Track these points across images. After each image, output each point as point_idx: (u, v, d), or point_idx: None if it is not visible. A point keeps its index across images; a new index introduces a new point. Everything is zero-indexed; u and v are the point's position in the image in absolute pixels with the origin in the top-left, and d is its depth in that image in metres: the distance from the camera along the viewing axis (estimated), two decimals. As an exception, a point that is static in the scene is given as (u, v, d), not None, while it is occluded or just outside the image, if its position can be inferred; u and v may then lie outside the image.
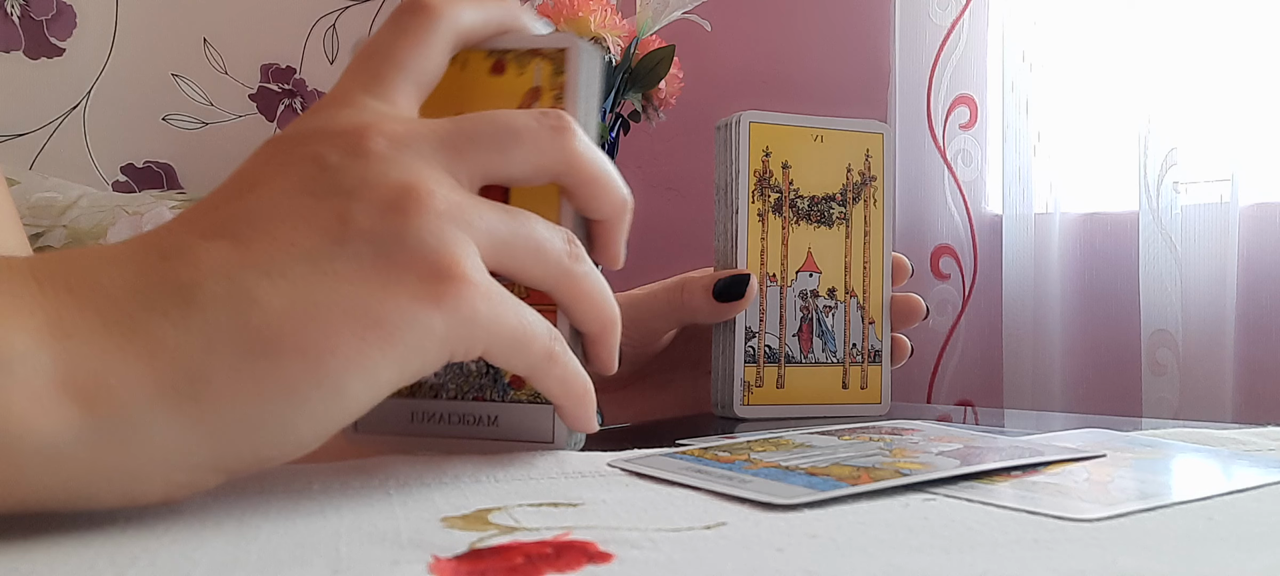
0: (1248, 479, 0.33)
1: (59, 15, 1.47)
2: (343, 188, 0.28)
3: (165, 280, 0.26)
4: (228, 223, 0.27)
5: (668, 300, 0.54)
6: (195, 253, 0.26)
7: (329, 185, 0.28)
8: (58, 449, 0.24)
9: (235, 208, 0.28)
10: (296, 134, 0.29)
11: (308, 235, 0.27)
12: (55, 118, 1.49)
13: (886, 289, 0.58)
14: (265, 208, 0.27)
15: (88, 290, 0.25)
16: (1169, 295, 1.16)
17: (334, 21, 1.70)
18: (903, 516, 0.28)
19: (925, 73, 1.34)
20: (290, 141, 0.29)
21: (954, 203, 1.33)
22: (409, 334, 0.27)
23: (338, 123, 0.29)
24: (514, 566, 0.23)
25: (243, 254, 0.26)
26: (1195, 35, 1.14)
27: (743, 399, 0.54)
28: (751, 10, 1.62)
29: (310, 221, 0.27)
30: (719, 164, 0.57)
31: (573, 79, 0.35)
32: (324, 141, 0.29)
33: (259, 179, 0.28)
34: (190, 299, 0.25)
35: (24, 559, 0.23)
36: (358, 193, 0.27)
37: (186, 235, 0.27)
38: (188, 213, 0.28)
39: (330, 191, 0.28)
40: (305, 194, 0.28)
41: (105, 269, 0.26)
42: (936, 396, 1.33)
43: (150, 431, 0.25)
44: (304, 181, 0.28)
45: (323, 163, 0.28)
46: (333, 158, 0.28)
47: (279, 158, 0.29)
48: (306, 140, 0.29)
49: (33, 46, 1.46)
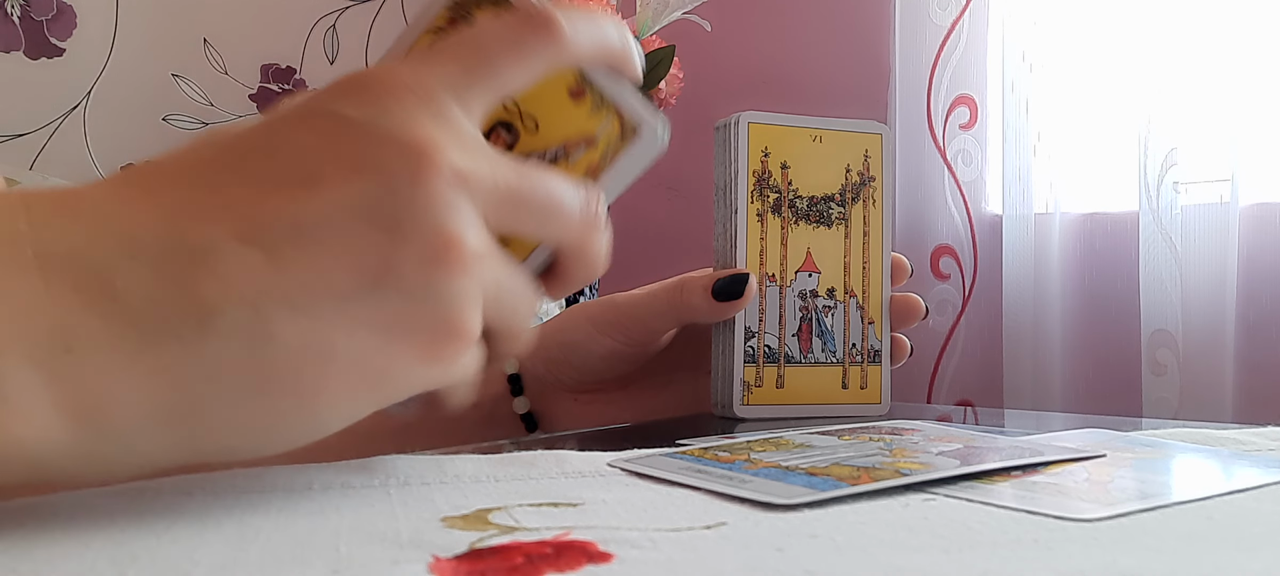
0: (1248, 479, 0.33)
1: (59, 15, 1.47)
2: (397, 222, 0.26)
3: (186, 294, 0.24)
4: (271, 225, 0.25)
5: (667, 300, 0.54)
6: (226, 265, 0.24)
7: (386, 216, 0.26)
8: (42, 459, 0.24)
9: (285, 206, 0.25)
10: (368, 124, 0.27)
11: (346, 272, 0.25)
12: (55, 118, 1.49)
13: (886, 289, 0.58)
14: (315, 222, 0.25)
15: (98, 293, 0.24)
16: (1169, 295, 1.16)
17: (334, 21, 1.70)
18: (903, 516, 0.28)
19: (925, 73, 1.34)
20: (360, 133, 0.27)
21: (954, 203, 1.33)
22: (400, 385, 0.27)
23: (412, 128, 0.27)
24: (514, 566, 0.23)
25: (274, 278, 0.25)
26: (1195, 35, 1.14)
27: (742, 399, 0.54)
28: (751, 10, 1.62)
29: (354, 255, 0.25)
30: (718, 164, 0.57)
31: (629, 158, 0.34)
32: (393, 150, 0.26)
33: (318, 175, 0.26)
34: (207, 326, 0.24)
35: (24, 559, 0.23)
36: (408, 236, 0.26)
37: (221, 225, 0.25)
38: (231, 164, 0.26)
39: (384, 224, 0.26)
40: (360, 219, 0.26)
41: (122, 266, 0.24)
42: (936, 396, 1.33)
43: (136, 446, 0.25)
44: (363, 202, 0.26)
45: (388, 183, 0.26)
46: (399, 181, 0.26)
47: (346, 153, 0.26)
48: (377, 139, 0.26)
49: (33, 46, 1.46)
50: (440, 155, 0.26)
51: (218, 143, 0.27)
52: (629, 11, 1.47)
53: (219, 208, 0.25)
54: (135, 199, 0.25)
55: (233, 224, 0.25)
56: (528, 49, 0.30)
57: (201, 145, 0.27)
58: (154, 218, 0.25)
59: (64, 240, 0.24)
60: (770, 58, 1.61)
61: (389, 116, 0.27)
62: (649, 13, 1.44)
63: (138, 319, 0.24)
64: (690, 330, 0.57)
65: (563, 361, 0.55)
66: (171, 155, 0.27)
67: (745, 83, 1.63)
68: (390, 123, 0.27)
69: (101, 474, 0.25)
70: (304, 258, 0.25)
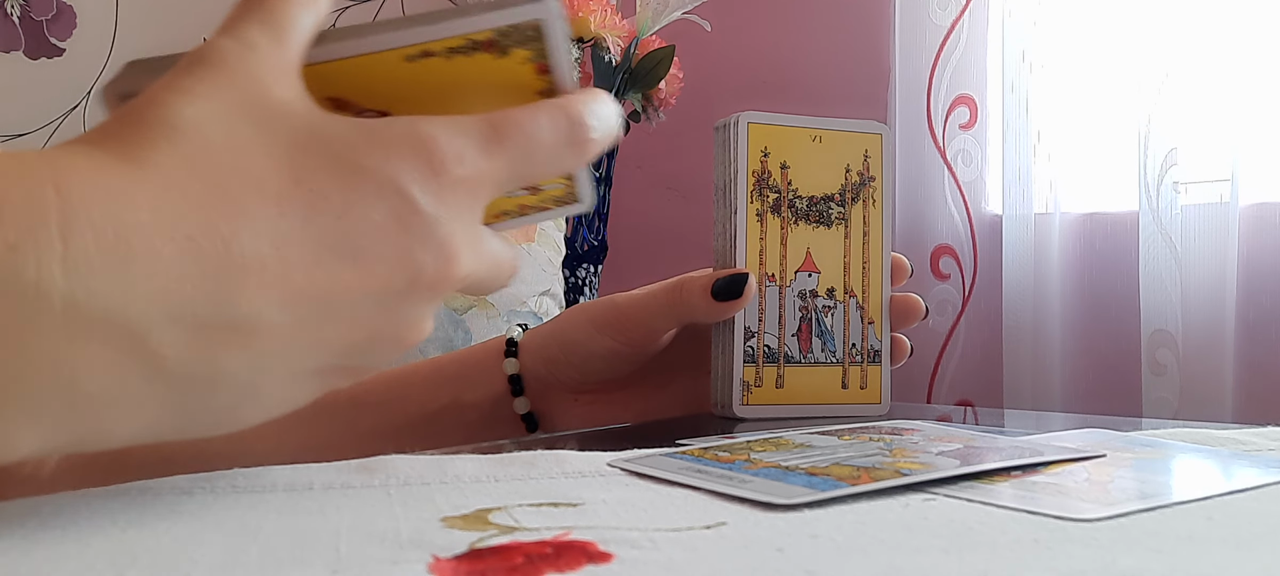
0: (1248, 479, 0.33)
1: (59, 15, 1.47)
2: (401, 318, 0.29)
3: (215, 362, 0.25)
4: (311, 298, 0.26)
5: (667, 300, 0.54)
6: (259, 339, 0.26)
7: (395, 310, 0.29)
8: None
9: (330, 282, 0.27)
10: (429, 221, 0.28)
11: (343, 343, 0.28)
12: (55, 118, 1.48)
13: (886, 289, 0.58)
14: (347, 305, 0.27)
15: (128, 352, 0.24)
16: (1169, 295, 1.16)
17: (334, 22, 1.70)
18: (903, 516, 0.28)
19: (925, 73, 1.34)
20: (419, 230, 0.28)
21: (954, 203, 1.33)
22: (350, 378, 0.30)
23: (452, 241, 0.29)
24: (514, 566, 0.23)
25: (287, 347, 0.27)
26: (1195, 35, 1.14)
27: (742, 399, 0.54)
28: (751, 10, 1.62)
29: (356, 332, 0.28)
30: (717, 164, 0.57)
31: (557, 212, 0.38)
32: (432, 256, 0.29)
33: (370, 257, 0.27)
34: (215, 385, 0.26)
35: (24, 559, 0.23)
36: (399, 326, 0.29)
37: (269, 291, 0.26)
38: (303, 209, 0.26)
39: (391, 315, 0.29)
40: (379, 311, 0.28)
41: (161, 328, 0.24)
42: (936, 396, 1.33)
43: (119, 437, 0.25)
44: (387, 296, 0.28)
45: (412, 285, 0.28)
46: (420, 288, 0.29)
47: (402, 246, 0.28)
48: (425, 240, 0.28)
49: (33, 46, 1.46)
50: (458, 269, 0.29)
51: (300, 168, 0.27)
52: (629, 11, 1.47)
53: (274, 269, 0.26)
54: (190, 244, 0.24)
55: (280, 291, 0.26)
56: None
57: (283, 160, 0.27)
58: (203, 274, 0.24)
59: (101, 297, 0.23)
60: (770, 58, 1.61)
61: (444, 220, 0.29)
62: (649, 13, 1.44)
63: (160, 378, 0.24)
64: (690, 330, 0.57)
65: (563, 361, 0.55)
66: (256, 149, 0.27)
67: (745, 83, 1.63)
68: (443, 231, 0.29)
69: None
70: (319, 333, 0.27)
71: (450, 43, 0.32)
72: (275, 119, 0.27)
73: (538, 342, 0.55)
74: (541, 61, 0.33)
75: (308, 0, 0.30)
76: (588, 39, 1.41)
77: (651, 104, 1.50)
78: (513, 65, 0.33)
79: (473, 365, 0.56)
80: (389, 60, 0.32)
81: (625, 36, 1.43)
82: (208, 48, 0.28)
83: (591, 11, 1.38)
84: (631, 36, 1.44)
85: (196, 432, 0.27)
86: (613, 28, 1.40)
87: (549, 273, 1.29)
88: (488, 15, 0.32)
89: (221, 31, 0.29)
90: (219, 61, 0.28)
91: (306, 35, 0.30)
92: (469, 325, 1.20)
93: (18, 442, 0.23)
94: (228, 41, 0.28)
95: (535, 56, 0.33)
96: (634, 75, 1.46)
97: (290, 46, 0.29)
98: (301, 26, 0.30)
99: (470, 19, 0.32)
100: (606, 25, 1.39)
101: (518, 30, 0.32)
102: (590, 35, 1.39)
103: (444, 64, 0.32)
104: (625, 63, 1.44)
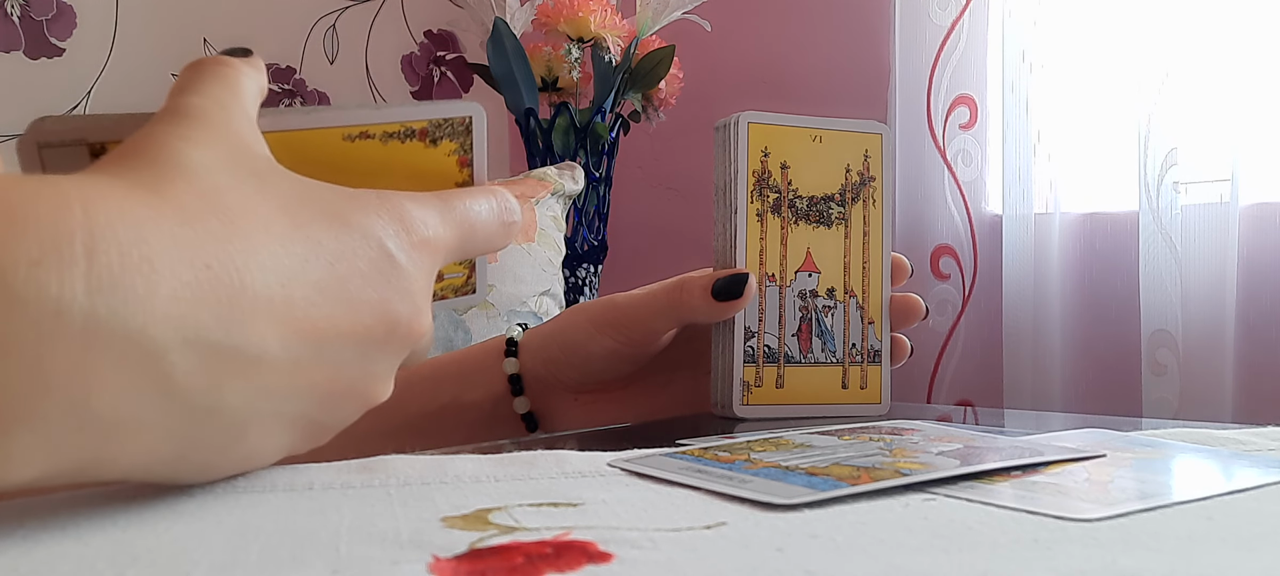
0: (1248, 479, 0.33)
1: (59, 15, 1.47)
2: (371, 369, 0.31)
3: (218, 391, 0.26)
4: (310, 339, 0.28)
5: (667, 300, 0.54)
6: (262, 374, 0.27)
7: (367, 364, 0.30)
8: None
9: (328, 328, 0.28)
10: (410, 283, 0.31)
11: (322, 392, 0.29)
12: (55, 118, 1.48)
13: (886, 289, 0.58)
14: (336, 349, 0.29)
15: (142, 375, 0.24)
16: (1169, 295, 1.16)
17: (334, 21, 1.70)
18: (903, 516, 0.28)
19: (925, 73, 1.34)
20: (404, 293, 0.31)
21: (954, 203, 1.33)
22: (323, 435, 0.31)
23: (419, 300, 0.32)
24: (514, 566, 0.23)
25: (282, 386, 0.27)
26: (1195, 35, 1.14)
27: (742, 399, 0.54)
28: (751, 10, 1.62)
29: (333, 382, 0.29)
30: (718, 164, 0.57)
31: (455, 302, 0.42)
32: (404, 315, 0.31)
33: (364, 311, 0.29)
34: (213, 416, 0.26)
35: (24, 559, 0.23)
36: (371, 371, 0.31)
37: (279, 328, 0.27)
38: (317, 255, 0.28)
39: (363, 366, 0.30)
40: (357, 362, 0.30)
41: (177, 351, 0.24)
42: (936, 396, 1.33)
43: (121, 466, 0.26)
44: (367, 346, 0.30)
45: (389, 337, 0.30)
46: (394, 341, 0.31)
47: (390, 305, 0.30)
48: (404, 300, 0.31)
49: (33, 46, 1.46)
50: (423, 324, 0.32)
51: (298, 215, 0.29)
52: (629, 11, 1.47)
53: (280, 305, 0.27)
54: (208, 272, 0.25)
55: (283, 327, 0.27)
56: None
57: (282, 207, 0.28)
58: (219, 301, 0.25)
59: (122, 316, 0.23)
60: (770, 58, 1.61)
61: (416, 276, 0.31)
62: (649, 13, 1.44)
63: (168, 401, 0.25)
64: (690, 330, 0.57)
65: (563, 361, 0.55)
66: (257, 196, 0.28)
67: (745, 83, 1.63)
68: (414, 286, 0.31)
69: None
70: (309, 375, 0.28)
71: (388, 127, 0.36)
72: (268, 172, 0.29)
73: (538, 342, 0.55)
74: (465, 155, 0.38)
75: (251, 69, 0.33)
76: (588, 39, 1.40)
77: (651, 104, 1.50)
78: (439, 155, 0.37)
79: (472, 365, 0.56)
80: (330, 137, 0.35)
81: (625, 36, 1.43)
82: (180, 104, 0.29)
83: (591, 11, 1.38)
84: (631, 36, 1.44)
85: (185, 473, 0.28)
86: (613, 28, 1.40)
87: (549, 273, 1.29)
88: (424, 106, 0.37)
89: (184, 91, 0.30)
90: (200, 116, 0.29)
91: (256, 100, 0.32)
92: (469, 325, 1.20)
93: (24, 464, 0.23)
94: (197, 99, 0.30)
95: (460, 150, 0.38)
96: (634, 75, 1.46)
97: (250, 108, 0.32)
98: (250, 95, 0.32)
99: (409, 108, 0.36)
100: (606, 25, 1.39)
101: (449, 124, 0.37)
102: (590, 35, 1.39)
103: (378, 146, 0.36)
104: (625, 63, 1.44)
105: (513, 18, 1.46)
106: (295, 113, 0.35)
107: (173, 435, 0.25)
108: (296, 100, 1.65)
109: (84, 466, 0.24)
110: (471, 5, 1.49)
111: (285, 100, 1.64)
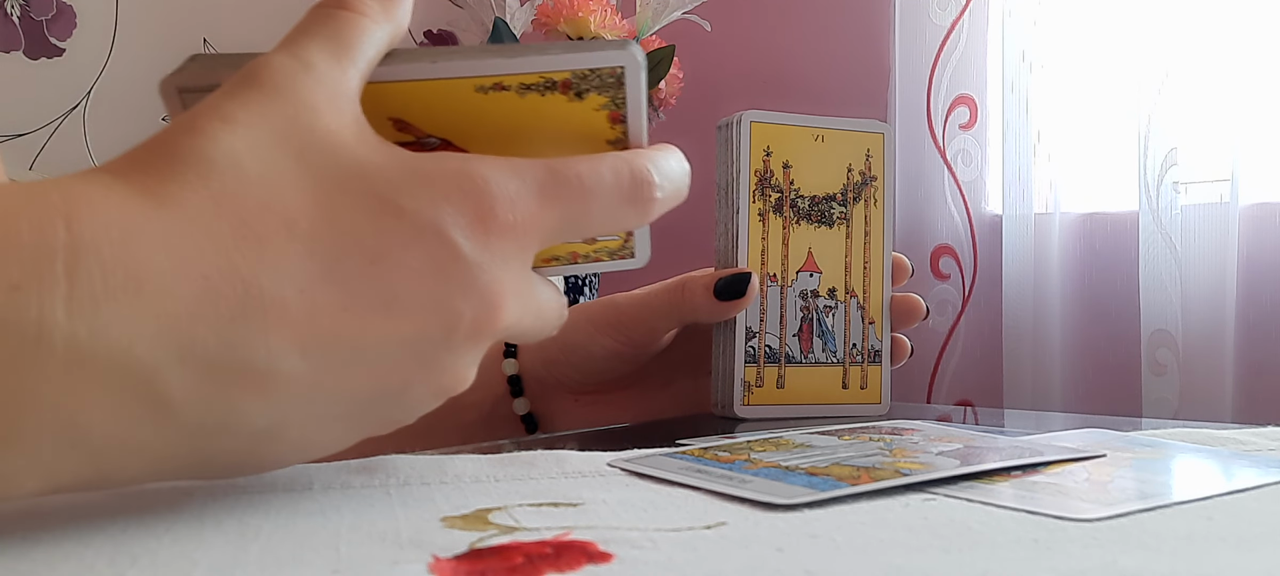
0: (1248, 479, 0.33)
1: (59, 15, 1.47)
2: (437, 366, 0.27)
3: (226, 404, 0.24)
4: (336, 346, 0.25)
5: (668, 300, 0.54)
6: (275, 382, 0.24)
7: (430, 359, 0.27)
8: None
9: (358, 331, 0.26)
10: (470, 267, 0.27)
11: (372, 391, 0.27)
12: (55, 118, 1.48)
13: (887, 289, 0.58)
14: (375, 352, 0.26)
15: (133, 396, 0.23)
16: (1169, 295, 1.16)
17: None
18: (903, 516, 0.28)
19: (925, 73, 1.34)
20: (459, 275, 0.27)
21: (954, 203, 1.33)
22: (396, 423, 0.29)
23: (496, 287, 0.27)
24: (514, 566, 0.23)
25: (310, 395, 0.25)
26: (1195, 35, 1.14)
27: (743, 399, 0.54)
28: (751, 10, 1.62)
29: (388, 380, 0.27)
30: (720, 163, 0.57)
31: (610, 264, 0.36)
32: (473, 304, 0.27)
33: (403, 305, 0.26)
34: (228, 427, 0.25)
35: (24, 559, 0.23)
36: (435, 375, 0.28)
37: (288, 333, 0.24)
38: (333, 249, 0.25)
39: (425, 363, 0.27)
40: (411, 356, 0.27)
41: (170, 370, 0.23)
42: (936, 396, 1.33)
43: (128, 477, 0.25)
44: (420, 342, 0.27)
45: (449, 333, 0.27)
46: (459, 336, 0.27)
47: (438, 293, 0.27)
48: (466, 287, 0.27)
49: (33, 46, 1.46)
50: (501, 318, 0.28)
51: (337, 207, 0.26)
52: (629, 11, 1.47)
53: (297, 312, 0.24)
54: (205, 283, 0.23)
55: (300, 334, 0.25)
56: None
57: (319, 197, 0.26)
58: (218, 315, 0.23)
59: (106, 338, 0.22)
60: (770, 57, 1.61)
61: (488, 267, 0.27)
62: (649, 13, 1.44)
63: (169, 421, 0.24)
64: (691, 330, 0.57)
65: (563, 362, 0.55)
66: (291, 185, 0.25)
67: (745, 83, 1.62)
68: (485, 278, 0.27)
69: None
70: (344, 380, 0.26)
71: (525, 78, 0.30)
72: (318, 152, 0.26)
73: (537, 343, 0.55)
74: (617, 110, 0.31)
75: (382, 13, 0.29)
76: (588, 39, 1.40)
77: (651, 104, 1.50)
78: (586, 110, 0.31)
79: None
80: (459, 88, 0.30)
81: (625, 36, 1.43)
82: (262, 65, 0.27)
83: (591, 11, 1.38)
84: (631, 36, 1.44)
85: (217, 474, 0.27)
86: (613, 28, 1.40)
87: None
88: (569, 55, 0.30)
89: (281, 47, 0.28)
90: (269, 84, 0.26)
91: (375, 54, 0.29)
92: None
93: (16, 483, 0.23)
94: (284, 59, 0.27)
95: (610, 104, 0.31)
96: (634, 75, 1.46)
97: (352, 68, 0.28)
98: (368, 45, 0.28)
99: (550, 56, 0.30)
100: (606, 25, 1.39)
101: (597, 74, 0.31)
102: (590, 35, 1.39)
103: (515, 99, 0.31)
104: (625, 63, 1.44)
105: (512, 17, 1.46)
106: (422, 57, 0.30)
107: (179, 451, 0.25)
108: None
109: (87, 481, 0.24)
110: (471, 5, 1.49)
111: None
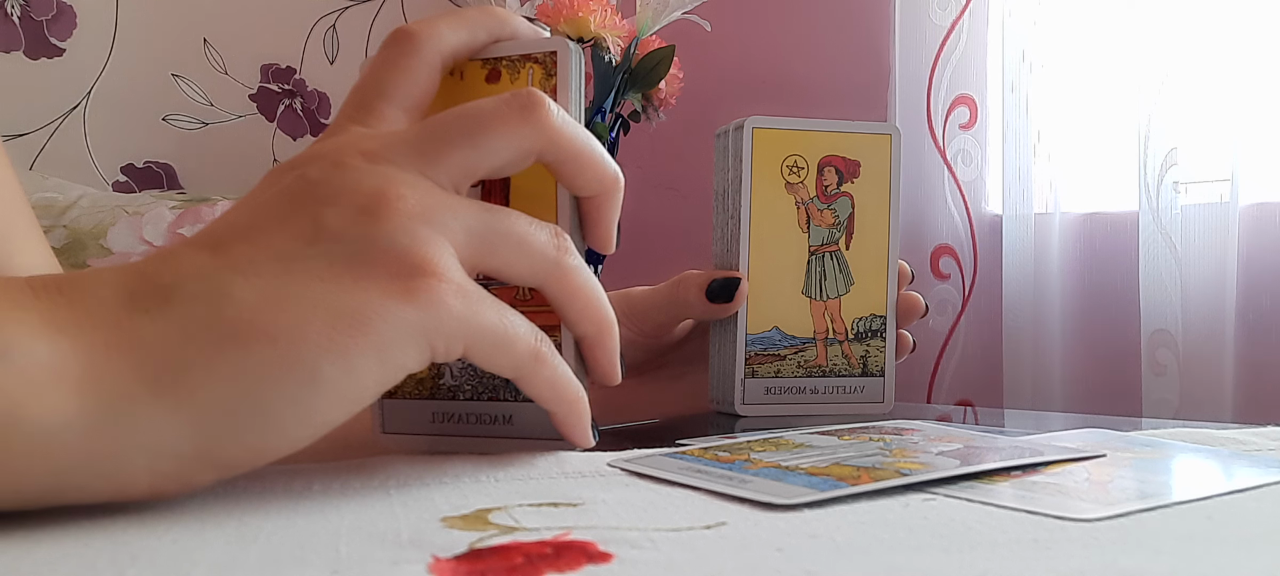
0: (1248, 479, 0.33)
1: (59, 15, 1.47)
2: (319, 196, 0.29)
3: (148, 282, 0.27)
4: (212, 233, 0.29)
5: (668, 294, 0.55)
6: (178, 259, 0.28)
7: (307, 195, 0.29)
8: (49, 435, 0.25)
9: (222, 221, 0.30)
10: (290, 160, 0.32)
11: (282, 238, 0.28)
12: (55, 118, 1.48)
13: (891, 290, 0.58)
14: (246, 217, 0.29)
15: (78, 293, 0.27)
16: (1169, 295, 1.16)
17: (334, 22, 1.70)
18: (903, 516, 0.28)
19: (925, 73, 1.34)
20: (283, 166, 0.31)
21: (954, 203, 1.33)
22: (382, 327, 0.28)
23: (324, 146, 0.31)
24: (514, 566, 0.23)
25: (221, 258, 0.28)
26: (1195, 35, 1.14)
27: (742, 397, 0.54)
28: (751, 10, 1.62)
29: (285, 226, 0.29)
30: (718, 169, 0.57)
31: (563, 79, 0.36)
32: (309, 162, 0.31)
33: (249, 197, 0.31)
34: (169, 297, 0.27)
35: (24, 558, 0.23)
36: (332, 199, 0.29)
37: (175, 247, 0.29)
38: (189, 236, 0.30)
39: (308, 199, 0.29)
40: (284, 202, 0.29)
41: (95, 277, 0.28)
42: (936, 396, 1.33)
43: (135, 419, 0.26)
44: (284, 192, 0.30)
45: (305, 178, 0.30)
46: (313, 172, 0.30)
47: (269, 179, 0.31)
48: (296, 164, 0.31)
49: (33, 46, 1.46)
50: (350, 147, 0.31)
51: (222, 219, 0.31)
52: (629, 11, 1.47)
53: (179, 241, 0.30)
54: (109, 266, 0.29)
55: (186, 243, 0.29)
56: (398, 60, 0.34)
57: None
58: (126, 263, 0.28)
59: (49, 276, 0.28)
60: (770, 58, 1.61)
61: (308, 149, 0.32)
62: (649, 13, 1.44)
63: (112, 305, 0.27)
64: (705, 326, 0.58)
65: None
66: None
67: (745, 83, 1.62)
68: (308, 151, 0.31)
69: (115, 465, 0.26)
70: (242, 241, 0.29)
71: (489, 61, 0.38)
72: None
73: None
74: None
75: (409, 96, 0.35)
76: (587, 39, 1.40)
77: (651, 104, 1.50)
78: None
79: None
80: None
81: (625, 36, 1.43)
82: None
83: (591, 11, 1.38)
84: (631, 36, 1.44)
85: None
86: (613, 28, 1.40)
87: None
88: None
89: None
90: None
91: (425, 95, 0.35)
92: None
93: (38, 381, 0.25)
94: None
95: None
96: (634, 75, 1.46)
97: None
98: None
99: None
100: (606, 25, 1.39)
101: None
102: (590, 35, 1.39)
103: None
104: (625, 63, 1.44)
105: (513, 18, 1.46)
106: None
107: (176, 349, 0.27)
108: (296, 101, 1.65)
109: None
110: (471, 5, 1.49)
111: (285, 101, 1.64)
